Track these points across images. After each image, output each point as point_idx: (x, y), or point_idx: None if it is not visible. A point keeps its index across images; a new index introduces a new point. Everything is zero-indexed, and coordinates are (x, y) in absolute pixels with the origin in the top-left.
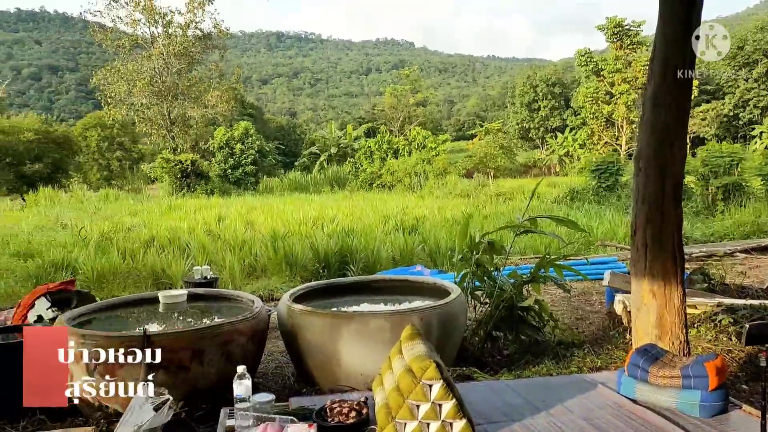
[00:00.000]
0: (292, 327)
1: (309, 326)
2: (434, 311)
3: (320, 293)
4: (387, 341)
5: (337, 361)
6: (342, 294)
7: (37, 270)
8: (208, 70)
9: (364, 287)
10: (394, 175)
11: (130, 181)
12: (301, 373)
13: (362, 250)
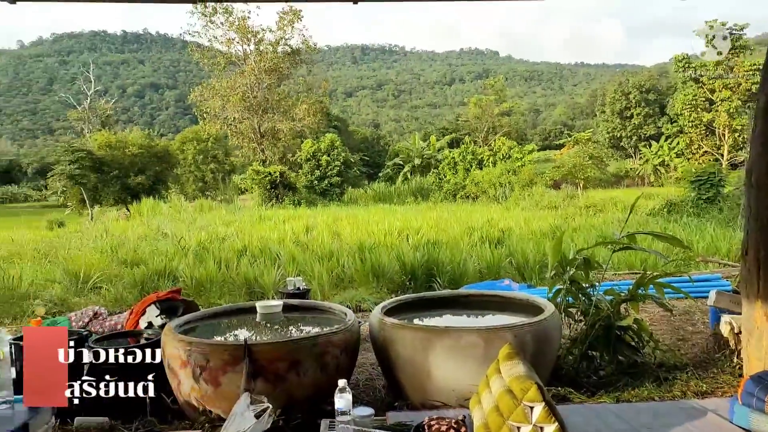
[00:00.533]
0: (384, 340)
1: (400, 340)
2: (528, 328)
3: (411, 306)
4: (479, 357)
5: (428, 376)
6: (432, 308)
7: (142, 277)
8: (296, 84)
9: (454, 301)
10: (478, 186)
11: (223, 192)
12: (391, 386)
13: (448, 263)
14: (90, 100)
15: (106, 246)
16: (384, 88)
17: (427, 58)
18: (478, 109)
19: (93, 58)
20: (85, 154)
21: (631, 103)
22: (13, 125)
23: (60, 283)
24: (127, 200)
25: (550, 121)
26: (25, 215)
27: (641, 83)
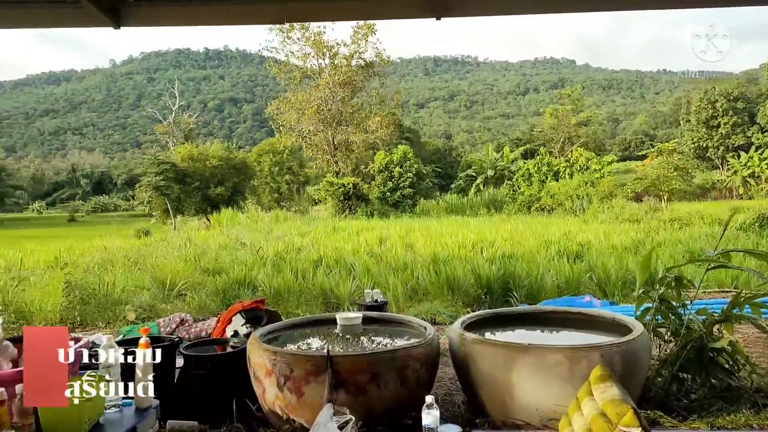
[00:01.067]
0: (464, 355)
1: (482, 355)
2: (617, 348)
3: (491, 321)
4: (564, 377)
5: (510, 394)
6: (513, 323)
7: (224, 285)
8: (369, 96)
9: (536, 317)
10: (554, 198)
11: (297, 203)
12: (471, 402)
13: (525, 277)
14: (174, 115)
15: (190, 255)
16: (456, 99)
17: (500, 68)
18: (554, 119)
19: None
20: (170, 167)
21: (718, 112)
22: (105, 139)
23: (148, 290)
24: (207, 210)
25: (630, 131)
26: (114, 224)
27: (729, 91)
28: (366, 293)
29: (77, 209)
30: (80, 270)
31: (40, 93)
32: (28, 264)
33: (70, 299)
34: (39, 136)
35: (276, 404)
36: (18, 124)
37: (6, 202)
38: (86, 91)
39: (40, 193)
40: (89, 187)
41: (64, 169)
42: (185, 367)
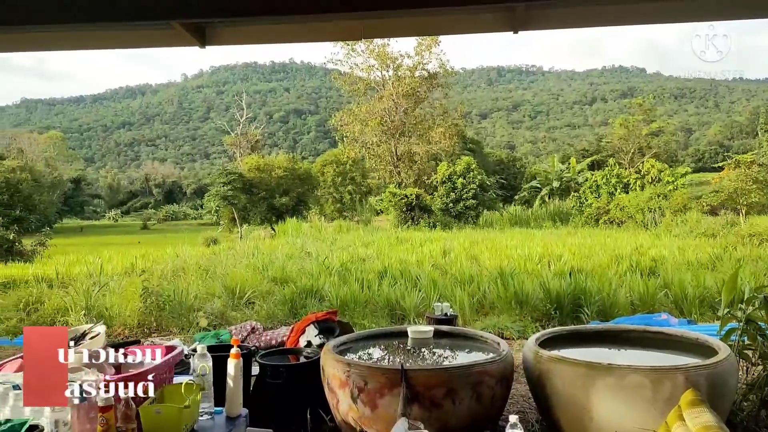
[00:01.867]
0: (540, 374)
1: (558, 374)
2: (702, 371)
3: (565, 338)
4: (647, 399)
5: (588, 415)
6: (589, 341)
7: (291, 295)
8: (432, 107)
9: (613, 336)
10: (623, 210)
11: (359, 213)
12: (547, 422)
13: (596, 293)
14: (241, 127)
15: (258, 264)
16: (520, 109)
17: (566, 78)
18: (624, 130)
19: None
20: (237, 177)
21: None
22: (176, 150)
23: (219, 298)
24: (272, 220)
25: (704, 142)
26: (184, 232)
27: None
28: (435, 306)
29: (150, 217)
30: (155, 277)
31: (118, 107)
32: (106, 270)
33: (147, 305)
34: (116, 147)
35: (349, 415)
36: (97, 137)
37: (85, 210)
38: (159, 105)
39: (116, 201)
40: (161, 196)
41: (138, 179)
42: (261, 376)
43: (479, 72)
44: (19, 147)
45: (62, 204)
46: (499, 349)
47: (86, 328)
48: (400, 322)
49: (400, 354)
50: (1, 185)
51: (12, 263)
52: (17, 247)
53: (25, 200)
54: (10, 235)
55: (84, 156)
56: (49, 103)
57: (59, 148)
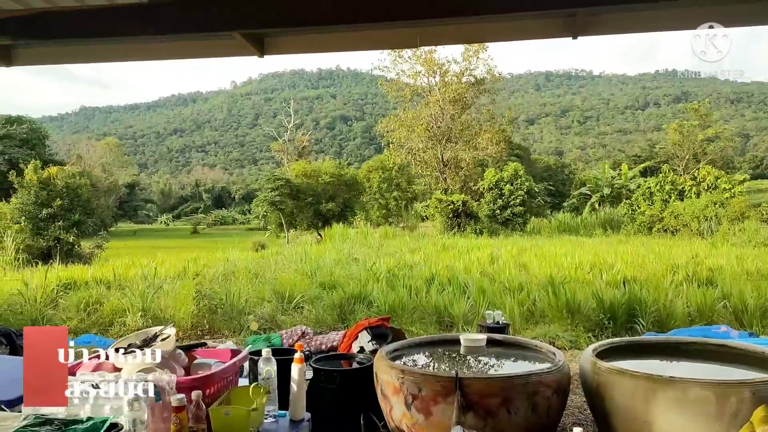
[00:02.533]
0: (598, 385)
1: (618, 386)
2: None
3: (623, 350)
4: (710, 414)
5: (649, 429)
6: (647, 353)
7: (339, 300)
8: (479, 113)
9: (673, 348)
10: (678, 218)
11: (405, 219)
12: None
13: (652, 303)
14: (289, 133)
15: (306, 269)
16: (568, 114)
17: (617, 82)
18: (679, 135)
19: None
20: (284, 182)
21: None
22: (225, 156)
23: (269, 302)
24: (318, 225)
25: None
26: (233, 236)
27: None
28: (487, 314)
29: (199, 222)
30: (207, 280)
31: (170, 114)
32: (160, 273)
33: (200, 307)
34: (168, 153)
35: (403, 422)
36: (150, 143)
37: (139, 215)
38: (209, 112)
39: (168, 206)
40: (210, 201)
41: (188, 184)
42: (314, 380)
43: (527, 77)
44: (78, 153)
45: (117, 208)
46: (555, 359)
47: (157, 330)
48: (449, 330)
49: (454, 362)
50: (62, 190)
51: (72, 265)
52: (77, 249)
53: (84, 204)
54: (70, 238)
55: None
56: (106, 111)
57: (115, 154)
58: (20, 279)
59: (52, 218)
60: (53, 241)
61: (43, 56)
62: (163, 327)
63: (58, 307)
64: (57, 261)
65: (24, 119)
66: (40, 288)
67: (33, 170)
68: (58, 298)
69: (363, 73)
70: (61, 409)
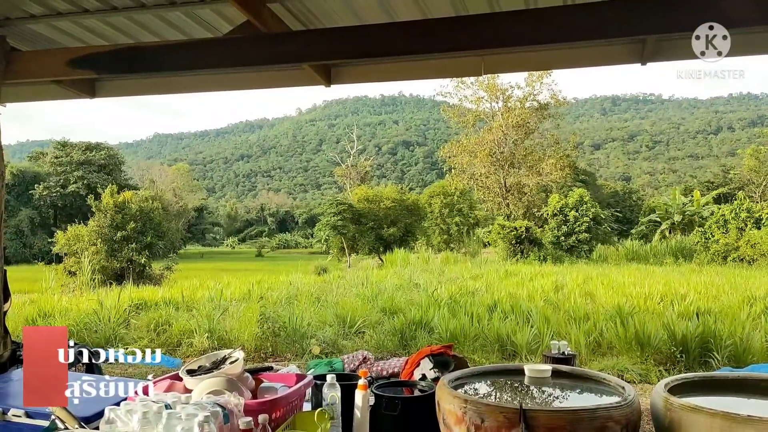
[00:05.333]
0: (671, 422)
1: (692, 425)
2: None
3: (698, 386)
4: None
5: None
6: (724, 390)
7: (401, 326)
8: (543, 138)
9: (752, 385)
10: (755, 247)
11: (467, 245)
12: None
13: (728, 336)
14: (352, 158)
15: (367, 293)
16: (636, 139)
17: (688, 106)
18: (755, 161)
19: (355, 120)
20: (347, 207)
21: None
22: (290, 180)
23: (331, 326)
24: (379, 249)
25: None
26: (296, 260)
27: None
28: (552, 344)
29: (264, 245)
30: (271, 303)
31: (237, 140)
32: (225, 295)
33: (263, 330)
34: (234, 178)
35: None
36: (218, 168)
37: (206, 237)
38: (275, 137)
39: (233, 229)
40: (274, 225)
41: (254, 208)
42: (376, 406)
43: (592, 101)
44: (150, 178)
45: (186, 231)
46: (624, 393)
47: (226, 353)
48: (512, 358)
49: (517, 392)
50: (136, 213)
51: (143, 286)
52: (148, 271)
53: (156, 227)
54: (142, 259)
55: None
56: (178, 137)
57: (185, 178)
58: (95, 299)
59: (126, 240)
60: (126, 263)
61: (125, 88)
62: (232, 350)
63: (129, 327)
64: (129, 282)
65: (102, 146)
66: (113, 308)
67: (110, 194)
68: (129, 318)
69: (425, 99)
70: (136, 427)
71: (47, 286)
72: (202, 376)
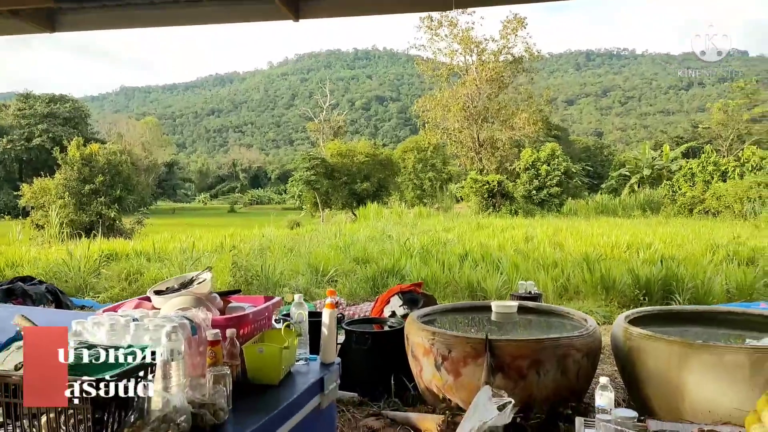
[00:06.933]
0: (629, 351)
1: (650, 352)
2: None
3: (656, 319)
4: (744, 379)
5: (680, 394)
6: (679, 323)
7: (373, 274)
8: (517, 93)
9: (707, 318)
10: (720, 200)
11: (440, 200)
12: (635, 401)
13: (689, 280)
14: (325, 113)
15: (340, 244)
16: (609, 94)
17: (660, 61)
18: (723, 115)
19: (328, 75)
20: (319, 162)
21: None
22: (262, 136)
23: (303, 275)
24: (353, 204)
25: None
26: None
27: None
28: (520, 284)
29: (236, 201)
30: (243, 254)
31: (207, 94)
32: (198, 247)
33: (236, 278)
34: (205, 133)
35: (432, 383)
36: (188, 123)
37: (177, 193)
38: (246, 92)
39: (205, 185)
40: (247, 181)
41: (225, 164)
42: (347, 342)
43: (567, 56)
44: (118, 132)
45: (157, 186)
46: (586, 325)
47: (195, 275)
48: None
49: (485, 325)
50: (104, 167)
51: (114, 239)
52: (118, 224)
53: (125, 181)
54: (111, 213)
55: (176, 141)
56: (145, 90)
57: (154, 133)
58: (65, 250)
59: (95, 194)
60: (95, 216)
61: (86, 22)
62: (200, 272)
63: (100, 276)
64: (99, 235)
65: (67, 98)
66: (84, 258)
67: (76, 147)
68: (100, 268)
69: (399, 53)
70: (104, 339)
71: (14, 239)
72: (170, 295)
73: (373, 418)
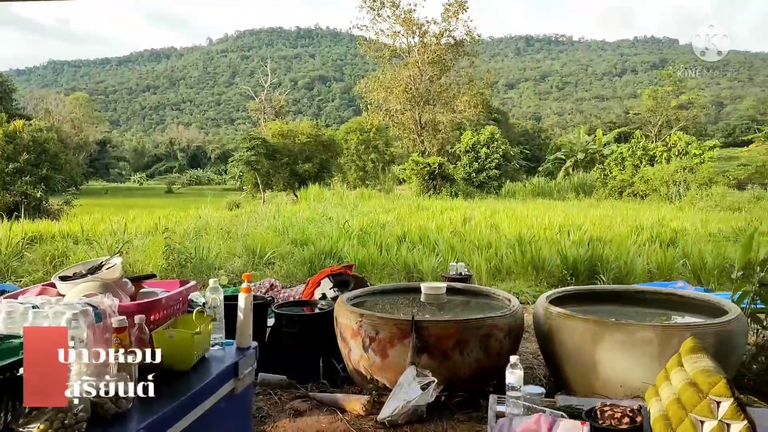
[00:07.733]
0: (549, 329)
1: (568, 330)
2: (709, 329)
3: (576, 298)
4: (653, 355)
5: (595, 369)
6: (600, 301)
7: (310, 256)
8: (458, 76)
9: (624, 297)
10: (648, 183)
11: (382, 181)
12: (554, 376)
13: (614, 260)
14: (266, 92)
15: (279, 226)
16: (548, 79)
17: (596, 48)
18: (653, 102)
19: (270, 53)
20: (260, 142)
21: None
22: (201, 115)
23: (240, 257)
24: (294, 186)
25: (735, 116)
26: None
27: None
28: (450, 266)
29: (174, 182)
30: (178, 236)
31: (143, 69)
32: (130, 229)
33: (169, 261)
34: (140, 110)
35: (361, 364)
36: (122, 99)
37: (111, 173)
38: (184, 68)
39: (141, 165)
40: (185, 160)
41: (163, 143)
42: (276, 325)
43: (507, 41)
44: (46, 108)
45: (88, 166)
46: (509, 305)
47: (104, 260)
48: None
49: (413, 307)
50: (29, 144)
51: (39, 220)
52: (44, 205)
53: (52, 160)
54: (37, 193)
55: (109, 119)
56: (75, 65)
57: (85, 109)
58: None
59: (19, 173)
60: (20, 197)
61: None
62: (110, 257)
63: (23, 260)
64: (23, 216)
65: None
66: (4, 240)
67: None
68: (23, 251)
69: (342, 33)
70: (1, 326)
71: None
72: (76, 281)
73: (299, 401)
